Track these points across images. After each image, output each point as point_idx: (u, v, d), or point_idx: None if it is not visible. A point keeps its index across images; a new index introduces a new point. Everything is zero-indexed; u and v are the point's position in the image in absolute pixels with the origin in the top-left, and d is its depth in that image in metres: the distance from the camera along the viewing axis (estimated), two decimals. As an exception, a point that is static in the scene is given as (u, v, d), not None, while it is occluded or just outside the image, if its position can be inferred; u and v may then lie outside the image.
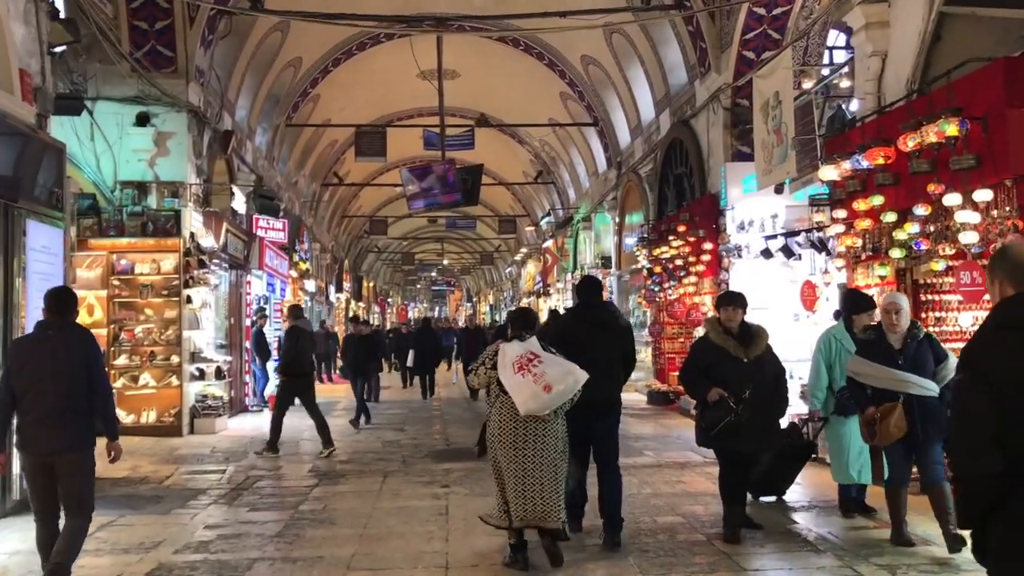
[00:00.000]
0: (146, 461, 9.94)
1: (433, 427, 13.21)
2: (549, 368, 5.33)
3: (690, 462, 9.50)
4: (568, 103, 21.10)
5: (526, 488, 5.36)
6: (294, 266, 21.21)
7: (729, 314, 6.22)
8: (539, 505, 5.35)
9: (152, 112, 12.42)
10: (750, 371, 5.98)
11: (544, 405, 5.30)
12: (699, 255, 12.85)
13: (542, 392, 5.25)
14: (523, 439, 5.40)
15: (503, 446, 5.45)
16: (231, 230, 14.26)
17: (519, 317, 6.10)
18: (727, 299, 6.38)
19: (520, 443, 5.40)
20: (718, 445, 6.18)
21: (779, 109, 10.69)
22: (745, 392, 5.79)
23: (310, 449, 11.12)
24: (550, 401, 5.30)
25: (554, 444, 5.46)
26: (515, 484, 5.38)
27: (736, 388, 5.85)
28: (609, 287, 21.07)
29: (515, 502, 5.38)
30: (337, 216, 32.93)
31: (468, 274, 65.42)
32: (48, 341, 4.95)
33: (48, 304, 5.07)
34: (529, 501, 5.35)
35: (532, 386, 5.26)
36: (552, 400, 5.30)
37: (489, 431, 5.66)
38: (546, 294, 31.21)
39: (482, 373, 5.63)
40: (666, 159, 15.68)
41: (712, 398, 5.96)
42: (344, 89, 20.86)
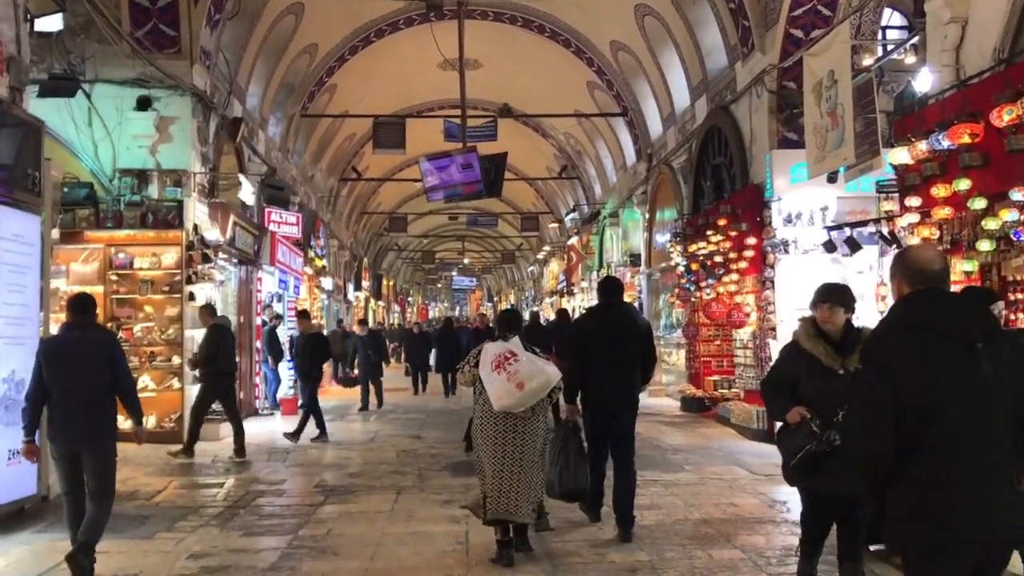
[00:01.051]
0: (140, 472, 9.11)
1: (453, 433, 12.29)
2: (523, 367, 5.48)
3: (738, 479, 8.52)
4: (595, 93, 20.13)
5: (502, 483, 5.56)
6: (309, 263, 20.39)
7: (826, 313, 4.68)
8: (512, 500, 5.56)
9: (154, 95, 11.61)
10: (845, 387, 4.37)
11: (517, 402, 5.45)
12: (741, 251, 11.84)
13: (515, 389, 5.41)
14: (502, 435, 5.59)
15: (483, 441, 5.67)
16: (239, 223, 13.42)
17: (504, 318, 6.35)
18: (825, 293, 4.76)
19: (499, 439, 5.59)
20: (800, 481, 4.70)
21: (834, 89, 9.68)
22: (837, 414, 4.25)
23: (319, 459, 10.25)
24: (522, 398, 5.44)
25: (532, 441, 5.64)
26: (492, 478, 5.58)
27: (825, 408, 4.40)
28: (638, 286, 20.09)
29: (491, 496, 5.59)
30: (356, 212, 32.15)
31: (489, 273, 64.53)
32: (73, 340, 5.51)
33: (69, 308, 5.70)
34: (503, 495, 5.56)
35: (506, 383, 5.43)
36: (524, 397, 5.44)
37: (473, 427, 5.91)
38: (570, 293, 30.22)
39: (467, 371, 5.83)
40: (703, 148, 14.67)
41: (792, 420, 4.55)
42: (362, 79, 20.02)
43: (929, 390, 2.73)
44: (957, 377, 2.73)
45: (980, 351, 2.74)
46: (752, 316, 11.81)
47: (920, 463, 2.73)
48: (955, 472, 2.71)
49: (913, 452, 2.73)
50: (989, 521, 2.71)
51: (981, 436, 2.72)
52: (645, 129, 18.65)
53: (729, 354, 14.81)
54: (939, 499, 2.72)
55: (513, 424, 5.59)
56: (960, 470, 2.71)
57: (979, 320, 2.81)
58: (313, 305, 22.50)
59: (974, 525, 2.71)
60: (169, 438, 11.12)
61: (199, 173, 11.97)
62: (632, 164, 20.56)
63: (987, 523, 2.71)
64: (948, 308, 2.84)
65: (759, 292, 11.73)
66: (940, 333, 2.77)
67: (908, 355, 2.77)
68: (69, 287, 11.19)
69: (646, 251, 19.29)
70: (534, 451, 5.66)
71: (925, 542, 2.77)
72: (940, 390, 2.72)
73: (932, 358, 2.76)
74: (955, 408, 2.71)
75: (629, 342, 6.41)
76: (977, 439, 2.72)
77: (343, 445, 11.38)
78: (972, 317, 2.81)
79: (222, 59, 13.18)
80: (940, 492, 2.72)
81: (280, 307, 17.84)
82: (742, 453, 10.18)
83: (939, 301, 2.87)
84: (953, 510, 2.71)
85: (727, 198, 12.51)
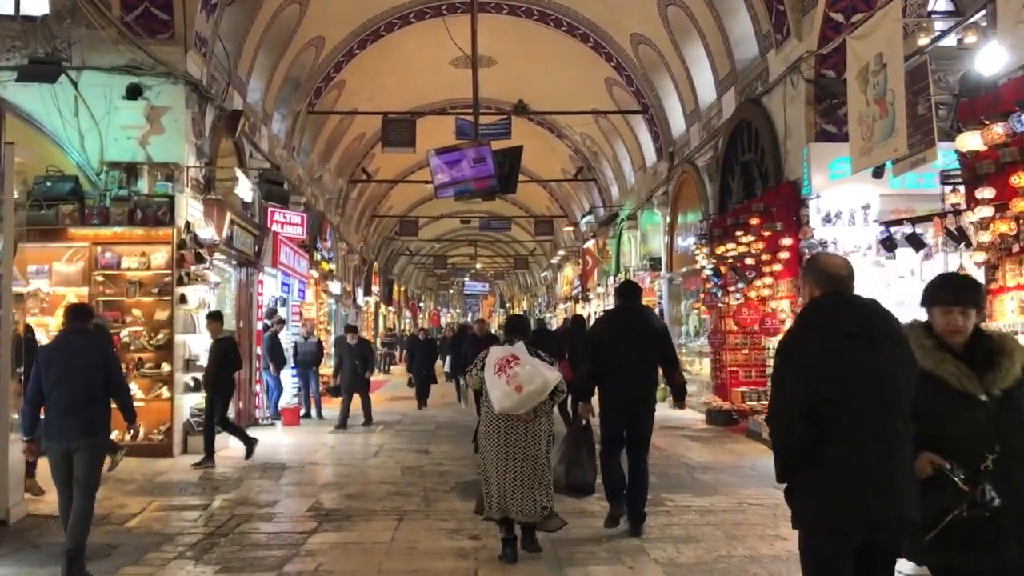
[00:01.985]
0: (118, 491, 8.29)
1: (462, 447, 11.44)
2: (522, 370, 5.58)
3: (780, 505, 7.53)
4: (614, 90, 19.28)
5: (504, 482, 5.70)
6: (315, 266, 19.60)
7: (953, 319, 3.19)
8: (514, 499, 5.68)
9: (145, 84, 10.84)
10: (993, 418, 3.07)
11: (516, 404, 5.56)
12: (775, 252, 10.96)
13: (513, 392, 5.52)
14: (505, 436, 5.71)
15: (487, 442, 5.80)
16: (238, 221, 12.62)
17: (510, 323, 6.60)
18: (953, 291, 3.26)
19: (502, 440, 5.72)
20: (942, 562, 3.17)
21: (883, 74, 8.79)
22: (987, 459, 3.01)
23: (317, 477, 9.42)
24: (521, 400, 5.54)
25: (535, 442, 5.72)
26: (496, 478, 5.73)
27: (969, 451, 3.04)
28: (658, 291, 19.21)
29: (495, 495, 5.74)
30: (366, 216, 31.39)
31: (502, 279, 63.72)
32: (69, 345, 5.88)
33: (67, 316, 6.14)
34: (506, 495, 5.70)
35: (505, 386, 5.55)
36: (523, 400, 5.55)
37: (479, 430, 6.07)
38: (585, 299, 29.31)
39: (474, 375, 5.98)
40: (730, 145, 13.80)
41: (924, 472, 3.07)
42: (371, 76, 19.24)
43: (838, 383, 2.97)
44: (862, 371, 2.97)
45: (882, 347, 2.99)
46: (787, 323, 10.90)
47: (828, 449, 2.97)
48: (858, 457, 2.94)
49: (824, 439, 2.97)
50: (876, 505, 2.93)
51: (881, 424, 2.95)
52: (667, 126, 17.78)
53: (759, 364, 13.94)
54: (839, 482, 2.95)
55: (515, 426, 5.71)
56: (863, 455, 2.94)
57: (879, 321, 3.07)
58: (320, 310, 21.73)
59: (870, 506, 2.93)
60: (159, 451, 10.34)
61: (193, 167, 11.18)
62: (652, 164, 19.69)
63: (881, 504, 2.93)
64: (849, 310, 3.10)
65: (795, 297, 10.83)
66: (846, 332, 3.02)
67: (819, 352, 3.02)
68: (52, 288, 10.46)
69: (667, 255, 18.40)
70: (537, 452, 5.75)
71: (826, 519, 3.00)
72: (847, 382, 2.97)
73: (839, 354, 3.00)
74: (860, 398, 2.96)
75: (646, 344, 6.58)
76: (877, 426, 2.95)
77: (344, 461, 10.55)
78: (873, 319, 3.06)
79: (220, 48, 12.41)
80: (841, 475, 2.95)
81: (284, 312, 17.11)
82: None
83: (842, 304, 3.14)
84: (849, 493, 2.94)
85: (760, 196, 11.63)
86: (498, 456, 5.72)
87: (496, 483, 5.73)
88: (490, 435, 5.80)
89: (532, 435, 5.73)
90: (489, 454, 5.80)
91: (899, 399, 3.01)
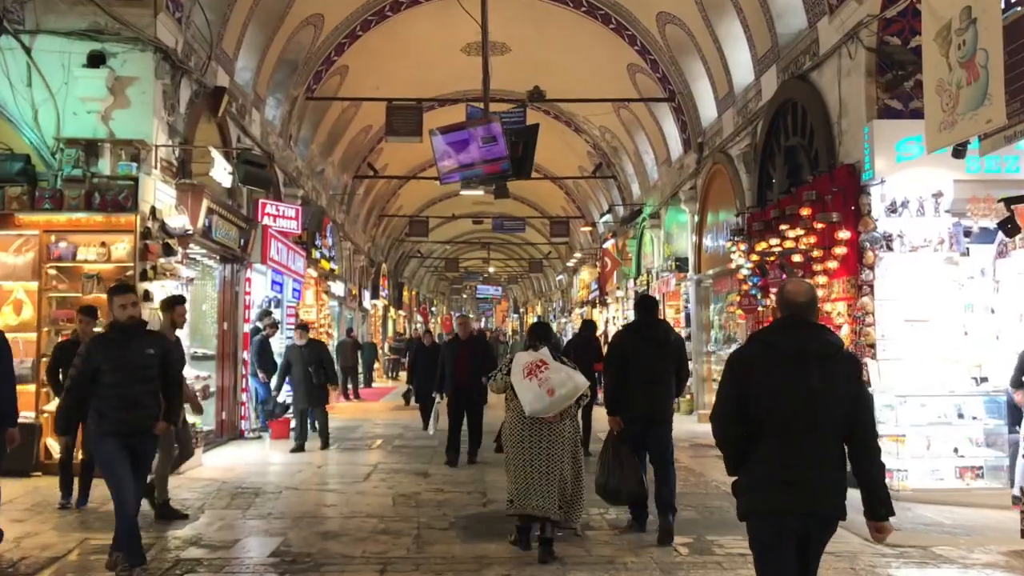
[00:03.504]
0: (49, 524, 6.92)
1: (468, 469, 10.01)
2: (553, 374, 5.86)
3: (855, 552, 6.13)
4: (637, 77, 17.83)
5: (527, 481, 5.91)
6: (314, 264, 18.23)
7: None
8: (536, 497, 5.88)
9: (108, 51, 9.51)
10: None
11: (547, 407, 5.84)
12: (830, 248, 9.45)
13: (545, 395, 5.81)
14: (530, 438, 5.96)
15: (513, 443, 6.05)
16: (218, 211, 11.25)
17: (534, 330, 6.78)
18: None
19: (527, 442, 5.96)
20: None
21: (971, 31, 7.31)
22: None
23: (292, 507, 8.00)
24: (552, 403, 5.83)
25: (560, 444, 5.97)
26: (519, 477, 5.95)
27: None
28: (685, 294, 17.74)
29: (517, 493, 5.95)
30: (374, 215, 30.07)
31: (515, 283, 62.23)
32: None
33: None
34: (528, 493, 5.90)
35: (537, 389, 5.82)
36: (554, 403, 5.84)
37: (504, 432, 6.29)
38: (603, 303, 27.84)
39: (499, 379, 6.18)
40: (771, 129, 12.31)
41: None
42: (377, 62, 17.88)
43: (768, 393, 3.47)
44: (790, 385, 3.45)
45: (814, 366, 3.44)
46: (844, 329, 9.42)
47: (761, 448, 3.49)
48: (784, 458, 3.44)
49: (758, 440, 3.50)
50: (807, 499, 3.43)
51: (807, 432, 3.43)
52: (695, 115, 16.31)
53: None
54: (771, 477, 3.46)
55: (540, 428, 5.96)
56: (788, 456, 3.44)
57: (816, 343, 3.52)
58: (320, 312, 20.38)
59: (795, 501, 3.42)
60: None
61: (163, 146, 9.84)
62: (678, 157, 18.21)
63: (805, 501, 3.43)
64: (794, 332, 3.57)
65: (853, 299, 9.34)
66: (783, 351, 3.51)
67: (756, 365, 3.54)
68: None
69: (694, 255, 16.90)
70: (561, 453, 5.99)
71: (759, 511, 3.52)
72: (776, 393, 3.46)
73: (773, 369, 3.50)
74: (786, 408, 3.44)
75: (666, 358, 6.81)
76: (803, 433, 3.44)
77: (328, 485, 9.16)
78: (810, 341, 3.52)
79: (201, 16, 11.04)
80: (772, 472, 3.46)
81: (279, 313, 15.76)
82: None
83: (790, 326, 3.60)
84: (779, 487, 3.44)
85: (810, 183, 10.13)
86: (523, 456, 5.97)
87: (519, 481, 5.97)
88: (515, 436, 6.04)
89: (556, 436, 5.98)
90: (514, 454, 6.04)
91: (824, 410, 3.44)
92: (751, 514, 3.54)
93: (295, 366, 11.82)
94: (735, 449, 3.55)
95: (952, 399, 8.87)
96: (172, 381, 5.88)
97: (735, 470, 3.60)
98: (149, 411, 5.57)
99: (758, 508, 3.49)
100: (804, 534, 3.45)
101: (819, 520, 3.47)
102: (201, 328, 12.38)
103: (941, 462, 8.77)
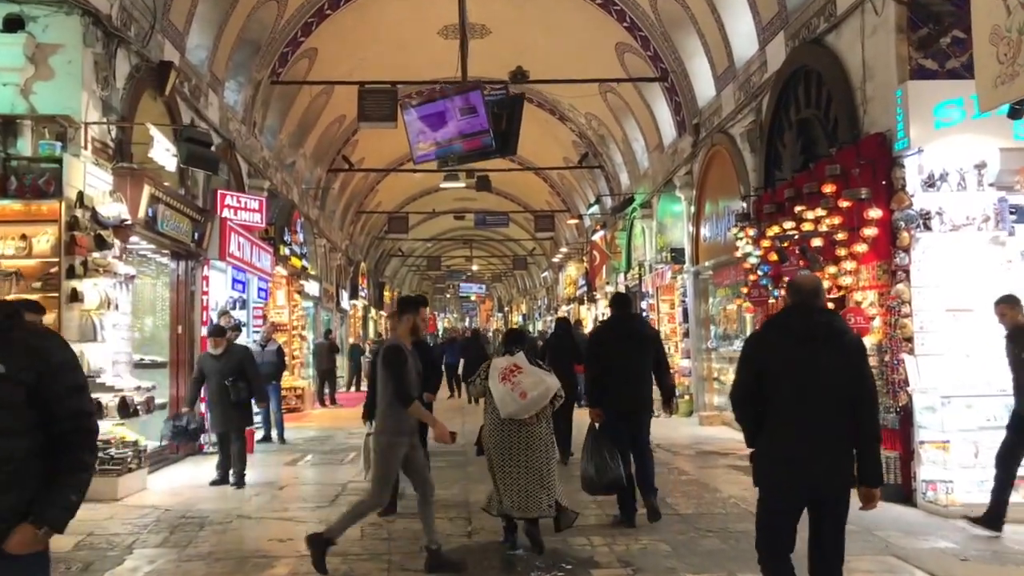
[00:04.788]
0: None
1: (451, 488, 8.81)
2: (526, 378, 6.09)
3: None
4: (626, 57, 16.67)
5: (508, 482, 6.10)
6: (282, 261, 16.96)
7: None
8: (521, 497, 6.07)
9: (27, 14, 8.25)
10: None
11: (520, 409, 6.04)
12: (859, 228, 8.32)
13: (518, 398, 6.02)
14: (508, 440, 6.15)
15: (493, 446, 6.24)
16: (165, 199, 9.98)
17: (509, 335, 7.08)
18: None
19: (506, 443, 6.15)
20: None
21: (1034, -34, 6.22)
22: None
23: (243, 542, 6.77)
24: (525, 406, 6.03)
25: (537, 445, 6.17)
26: (502, 478, 6.15)
27: None
28: (681, 287, 16.59)
29: (504, 494, 6.12)
30: (351, 212, 28.77)
31: (499, 281, 61.02)
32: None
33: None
34: (513, 494, 6.08)
35: (510, 393, 6.03)
36: (527, 405, 6.04)
37: (483, 434, 6.41)
38: (591, 299, 26.71)
39: (477, 384, 6.44)
40: (779, 102, 11.18)
41: None
42: (348, 46, 16.64)
43: (782, 371, 3.83)
44: (799, 363, 3.81)
45: (822, 346, 3.81)
46: (876, 321, 8.28)
47: (772, 423, 3.88)
48: (796, 430, 3.80)
49: (770, 415, 3.88)
50: (812, 470, 3.78)
51: (814, 406, 3.79)
52: (691, 94, 15.18)
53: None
54: (780, 449, 3.86)
55: (518, 429, 6.11)
56: (799, 429, 3.80)
57: (820, 327, 3.86)
58: (294, 314, 19.11)
59: (805, 470, 3.79)
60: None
61: (95, 124, 8.58)
62: (671, 141, 17.07)
63: (815, 470, 3.78)
64: (804, 316, 3.92)
65: (886, 287, 8.21)
66: (795, 333, 3.87)
67: (768, 347, 3.97)
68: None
69: (691, 245, 15.77)
70: (539, 453, 6.14)
71: (771, 478, 3.92)
72: (789, 372, 3.81)
73: (786, 349, 3.86)
74: (795, 385, 3.80)
75: (642, 351, 7.11)
76: (811, 408, 3.79)
77: (288, 512, 7.90)
78: (818, 323, 3.87)
79: (142, -19, 9.80)
80: (781, 444, 3.85)
81: (244, 315, 14.52)
82: (882, 526, 6.65)
83: (801, 311, 3.96)
84: (790, 459, 3.81)
85: (832, 157, 9.00)
86: (502, 458, 6.13)
87: (501, 482, 6.12)
88: (494, 438, 6.20)
89: (534, 437, 6.13)
90: (494, 456, 6.19)
91: (832, 386, 3.82)
92: (763, 482, 3.95)
93: (209, 379, 9.22)
94: (755, 424, 3.95)
95: (1003, 399, 7.72)
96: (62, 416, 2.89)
97: (753, 443, 4.03)
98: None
99: (769, 476, 3.90)
100: (815, 500, 3.84)
101: (828, 487, 3.82)
102: (151, 333, 11.12)
103: (992, 472, 7.65)
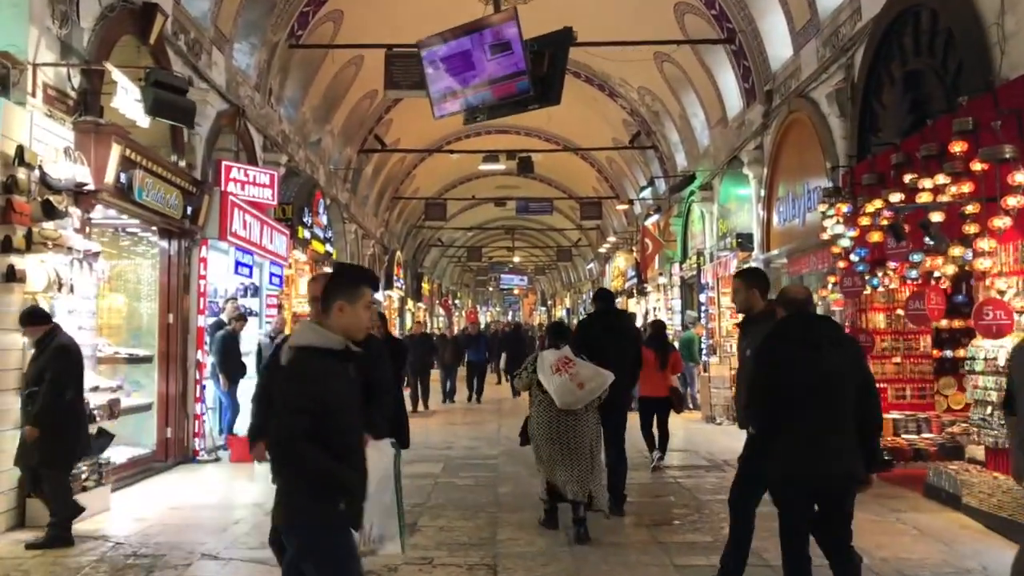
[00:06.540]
0: None
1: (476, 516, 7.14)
2: (582, 369, 6.35)
3: None
4: (686, 19, 14.82)
5: (556, 468, 6.36)
6: (302, 245, 15.43)
7: None
8: (569, 483, 6.29)
9: (-37, -71, 6.74)
10: None
11: (578, 399, 6.30)
12: (999, 197, 6.44)
13: (576, 388, 6.27)
14: (558, 431, 6.39)
15: (543, 437, 6.46)
16: (144, 163, 8.43)
17: (553, 329, 7.21)
18: None
19: (555, 432, 6.40)
20: None
21: None
22: None
23: None
24: (583, 396, 6.30)
25: (586, 433, 6.42)
26: (549, 465, 6.43)
27: None
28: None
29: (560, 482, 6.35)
30: (386, 198, 27.28)
31: (543, 274, 59.20)
32: None
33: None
34: (562, 480, 6.32)
35: (568, 383, 6.26)
36: (584, 395, 6.30)
37: (531, 426, 6.66)
38: (641, 293, 24.83)
39: (524, 377, 6.64)
40: (879, 53, 9.28)
41: None
42: (376, 8, 15.06)
43: (789, 378, 4.19)
44: (805, 369, 4.17)
45: (825, 351, 4.19)
46: (1022, 317, 6.41)
47: (785, 424, 4.20)
48: (803, 431, 4.15)
49: (784, 418, 4.21)
50: (821, 465, 4.14)
51: (822, 408, 4.14)
52: (762, 56, 13.27)
53: (915, 378, 9.51)
54: (791, 447, 4.18)
55: (566, 419, 6.38)
56: (808, 427, 4.14)
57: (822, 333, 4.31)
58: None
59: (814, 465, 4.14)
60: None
61: (46, 65, 7.05)
62: (737, 113, 15.16)
63: (820, 466, 4.14)
64: (801, 325, 4.38)
65: (1035, 272, 6.34)
66: (795, 341, 4.27)
67: (777, 356, 4.30)
68: None
69: (761, 229, 13.86)
70: (585, 442, 6.39)
71: (783, 474, 4.24)
72: (795, 378, 4.18)
73: (790, 357, 4.24)
74: (804, 389, 4.15)
75: (625, 344, 7.45)
76: (819, 410, 4.14)
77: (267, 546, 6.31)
78: (816, 331, 4.31)
79: (118, -96, 8.25)
80: (793, 443, 4.17)
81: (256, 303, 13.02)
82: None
83: (796, 322, 4.42)
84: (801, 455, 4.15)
85: (961, 109, 7.12)
86: (551, 446, 6.38)
87: (549, 468, 6.40)
88: (543, 428, 6.45)
89: (581, 426, 6.39)
90: (543, 445, 6.44)
91: (837, 386, 4.17)
92: (777, 476, 4.30)
93: None
94: (767, 420, 4.37)
95: None
96: None
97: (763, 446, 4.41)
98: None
99: (782, 472, 4.24)
100: (825, 493, 4.24)
101: (836, 480, 4.20)
102: (134, 322, 9.64)
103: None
